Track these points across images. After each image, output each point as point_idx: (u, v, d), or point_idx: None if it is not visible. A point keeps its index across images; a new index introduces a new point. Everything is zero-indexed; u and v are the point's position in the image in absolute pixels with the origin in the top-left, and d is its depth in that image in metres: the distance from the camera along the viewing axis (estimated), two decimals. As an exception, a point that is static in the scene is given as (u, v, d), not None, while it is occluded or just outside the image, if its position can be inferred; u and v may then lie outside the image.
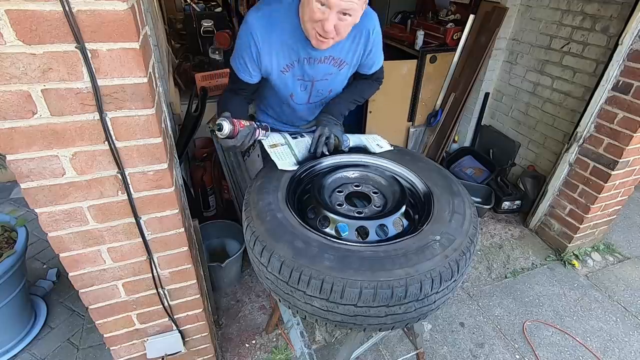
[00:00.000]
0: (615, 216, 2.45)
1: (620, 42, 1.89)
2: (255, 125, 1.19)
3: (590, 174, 2.17)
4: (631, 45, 1.85)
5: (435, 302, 0.90)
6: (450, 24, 2.88)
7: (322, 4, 1.03)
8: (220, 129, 1.06)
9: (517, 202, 2.76)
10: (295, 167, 1.20)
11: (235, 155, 2.12)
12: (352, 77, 1.45)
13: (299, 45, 1.19)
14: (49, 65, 0.74)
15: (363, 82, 1.47)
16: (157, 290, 1.19)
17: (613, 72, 1.94)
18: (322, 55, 1.24)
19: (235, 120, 1.10)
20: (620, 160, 2.00)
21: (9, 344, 1.71)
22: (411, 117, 3.15)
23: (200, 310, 1.35)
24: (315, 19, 1.06)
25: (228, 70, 1.34)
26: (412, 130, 3.22)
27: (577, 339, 1.91)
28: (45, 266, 2.19)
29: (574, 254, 2.44)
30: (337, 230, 1.02)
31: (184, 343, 1.40)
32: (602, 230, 2.50)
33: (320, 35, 1.10)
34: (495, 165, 2.95)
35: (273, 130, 1.39)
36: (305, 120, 1.54)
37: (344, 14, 1.05)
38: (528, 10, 2.65)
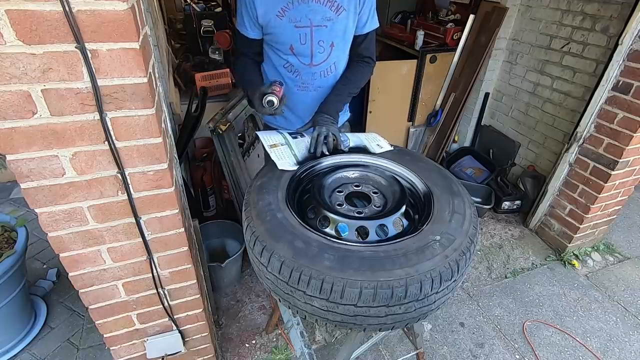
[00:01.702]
0: (615, 216, 2.45)
1: (620, 42, 1.89)
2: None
3: (590, 174, 2.17)
4: (631, 45, 1.85)
5: (435, 302, 0.90)
6: (450, 24, 2.88)
7: None
8: (272, 104, 1.25)
9: (517, 202, 2.76)
10: (295, 167, 1.20)
11: (236, 155, 2.12)
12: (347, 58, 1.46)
13: None
14: (49, 65, 0.74)
15: (355, 71, 1.46)
16: (157, 290, 1.19)
17: (613, 72, 1.94)
18: None
19: (276, 90, 1.27)
20: (620, 160, 2.00)
21: (9, 344, 1.71)
22: (411, 117, 3.15)
23: (200, 310, 1.35)
24: None
25: (228, 68, 1.39)
26: (412, 130, 3.22)
27: (577, 339, 1.91)
28: (45, 266, 2.19)
29: (574, 254, 2.44)
30: (337, 230, 1.02)
31: (184, 343, 1.40)
32: (602, 230, 2.50)
33: None
34: (495, 165, 2.95)
35: (273, 129, 1.39)
36: (309, 106, 1.49)
37: None
38: (528, 10, 2.65)
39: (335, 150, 1.29)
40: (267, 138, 1.31)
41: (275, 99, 1.25)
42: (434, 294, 0.87)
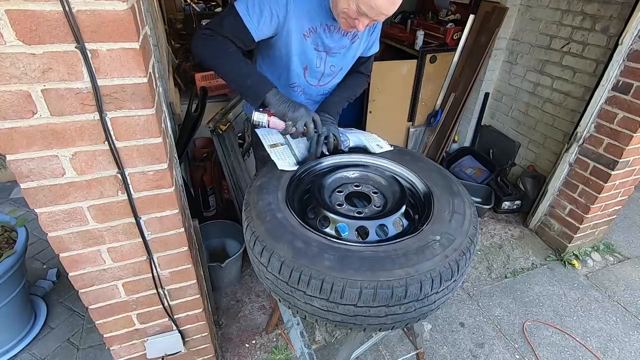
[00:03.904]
0: (615, 216, 2.45)
1: (620, 42, 1.89)
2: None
3: (590, 174, 2.17)
4: (631, 45, 1.85)
5: (435, 302, 0.90)
6: (450, 24, 2.88)
7: (361, 13, 1.07)
8: (259, 125, 1.18)
9: (517, 202, 2.76)
10: (295, 167, 1.20)
11: (235, 155, 2.12)
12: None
13: (323, 11, 1.22)
14: (49, 65, 0.74)
15: (353, 78, 1.51)
16: (157, 290, 1.19)
17: (613, 72, 1.94)
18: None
19: (269, 115, 1.18)
20: (620, 160, 2.00)
21: (9, 344, 1.71)
22: (411, 117, 3.15)
23: (200, 310, 1.35)
24: (350, 16, 1.11)
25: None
26: (412, 130, 3.22)
27: (577, 339, 1.91)
28: (45, 266, 2.19)
29: (574, 254, 2.44)
30: (337, 230, 1.02)
31: (184, 343, 1.40)
32: (602, 230, 2.50)
33: (350, 26, 1.16)
34: (495, 165, 2.95)
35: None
36: None
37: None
38: (528, 10, 2.65)
39: (336, 151, 1.29)
40: (267, 137, 1.31)
41: (264, 118, 1.18)
42: (434, 294, 0.87)
